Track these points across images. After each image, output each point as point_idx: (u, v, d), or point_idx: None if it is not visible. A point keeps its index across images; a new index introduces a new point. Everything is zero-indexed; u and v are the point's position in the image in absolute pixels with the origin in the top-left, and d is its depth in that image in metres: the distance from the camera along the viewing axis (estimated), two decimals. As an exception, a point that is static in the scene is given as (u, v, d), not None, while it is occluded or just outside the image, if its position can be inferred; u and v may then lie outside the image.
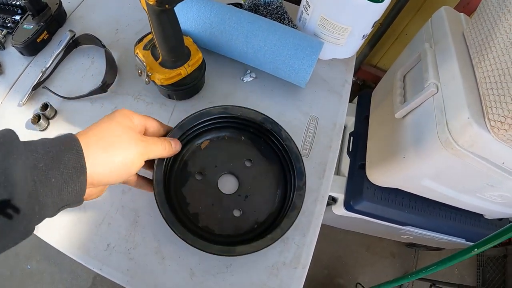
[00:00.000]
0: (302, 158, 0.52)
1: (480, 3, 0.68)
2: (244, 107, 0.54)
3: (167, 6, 0.42)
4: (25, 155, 0.28)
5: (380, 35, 1.29)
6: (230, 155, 0.55)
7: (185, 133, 0.52)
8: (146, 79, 0.55)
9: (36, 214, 0.28)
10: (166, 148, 0.42)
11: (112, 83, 0.62)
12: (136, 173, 0.44)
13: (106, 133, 0.35)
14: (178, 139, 0.49)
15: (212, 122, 0.54)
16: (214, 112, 0.53)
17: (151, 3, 0.42)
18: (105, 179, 0.34)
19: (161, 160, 0.47)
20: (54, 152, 0.30)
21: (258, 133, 0.56)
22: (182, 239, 0.45)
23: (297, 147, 0.53)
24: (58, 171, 0.29)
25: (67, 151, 0.31)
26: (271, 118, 0.54)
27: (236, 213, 0.52)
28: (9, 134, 0.29)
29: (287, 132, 0.53)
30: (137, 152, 0.36)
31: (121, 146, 0.35)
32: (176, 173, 0.52)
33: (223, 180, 0.54)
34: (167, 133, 0.47)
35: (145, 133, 0.42)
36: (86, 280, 1.35)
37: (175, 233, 0.44)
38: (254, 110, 0.54)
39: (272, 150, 0.56)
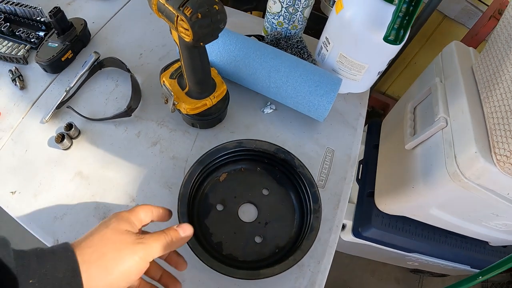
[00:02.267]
0: (316, 183, 0.55)
1: (489, 38, 0.70)
2: (258, 140, 0.57)
3: (201, 43, 0.45)
4: (18, 268, 0.27)
5: (390, 64, 1.31)
6: (248, 185, 0.58)
7: (205, 167, 0.55)
8: (172, 108, 0.58)
9: None
10: (172, 240, 0.37)
11: (136, 108, 0.64)
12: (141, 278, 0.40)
13: (101, 246, 0.33)
14: (199, 173, 0.53)
15: (228, 156, 0.57)
16: (230, 146, 0.56)
17: (187, 40, 0.44)
18: None
19: (184, 195, 0.50)
20: (48, 267, 0.29)
21: (273, 163, 0.59)
22: (209, 267, 0.46)
23: (310, 173, 0.56)
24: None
25: (63, 266, 0.30)
26: (283, 148, 0.57)
27: (258, 239, 0.54)
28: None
29: (300, 160, 0.56)
30: (138, 259, 0.34)
31: (119, 257, 0.33)
32: (198, 205, 0.55)
33: (243, 209, 0.56)
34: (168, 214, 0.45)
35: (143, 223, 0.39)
36: None
37: (202, 261, 0.46)
38: (268, 142, 0.57)
39: (287, 178, 0.58)
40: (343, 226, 1.00)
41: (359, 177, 1.05)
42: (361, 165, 1.07)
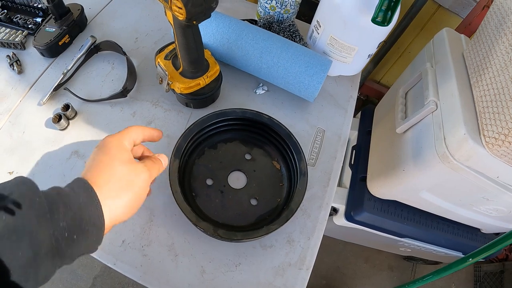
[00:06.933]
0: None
1: (479, 25, 0.71)
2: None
3: (194, 22, 0.46)
4: (49, 214, 0.29)
5: (384, 52, 1.33)
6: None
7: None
8: (167, 87, 0.59)
9: (56, 267, 0.30)
10: (160, 168, 0.42)
11: (132, 89, 0.65)
12: None
13: (115, 181, 0.36)
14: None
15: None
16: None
17: (180, 19, 0.45)
18: (124, 217, 0.36)
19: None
20: (75, 210, 0.31)
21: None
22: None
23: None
24: (79, 228, 0.31)
25: (88, 206, 0.32)
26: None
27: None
28: (31, 190, 0.29)
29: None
30: (144, 182, 0.38)
31: (132, 187, 0.36)
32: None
33: (232, 177, 0.58)
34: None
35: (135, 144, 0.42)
36: (86, 281, 1.35)
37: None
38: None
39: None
40: (336, 210, 1.01)
41: (352, 163, 1.06)
42: (354, 151, 1.08)
